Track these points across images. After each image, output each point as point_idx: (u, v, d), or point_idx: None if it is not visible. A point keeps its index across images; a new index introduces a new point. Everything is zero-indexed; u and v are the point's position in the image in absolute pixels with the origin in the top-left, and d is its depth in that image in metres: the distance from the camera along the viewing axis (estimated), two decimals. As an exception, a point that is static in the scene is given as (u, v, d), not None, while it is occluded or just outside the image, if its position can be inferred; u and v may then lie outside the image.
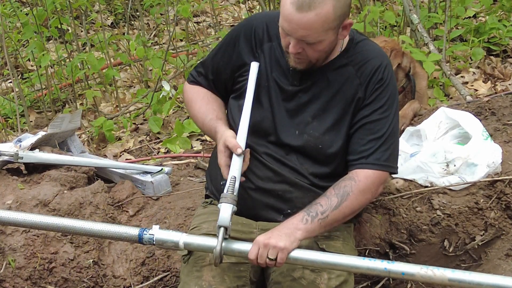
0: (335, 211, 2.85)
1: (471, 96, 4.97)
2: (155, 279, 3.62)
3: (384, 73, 3.00)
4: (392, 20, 5.73)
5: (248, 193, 3.06)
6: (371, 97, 2.99)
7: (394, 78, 3.08)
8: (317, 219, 2.83)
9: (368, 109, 2.99)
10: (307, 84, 3.04)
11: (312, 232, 2.84)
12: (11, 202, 3.62)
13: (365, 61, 3.01)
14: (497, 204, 3.61)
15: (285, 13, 2.77)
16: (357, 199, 2.90)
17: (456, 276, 2.62)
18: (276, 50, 3.07)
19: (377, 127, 2.98)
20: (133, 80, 7.33)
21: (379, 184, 2.99)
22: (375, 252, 3.60)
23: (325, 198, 2.88)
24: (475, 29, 6.10)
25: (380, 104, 2.98)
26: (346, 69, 3.01)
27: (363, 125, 2.99)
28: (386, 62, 3.04)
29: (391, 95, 3.01)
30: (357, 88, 2.99)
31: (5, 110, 6.69)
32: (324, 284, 2.91)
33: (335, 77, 3.01)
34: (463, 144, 3.66)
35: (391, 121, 3.00)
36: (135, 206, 3.83)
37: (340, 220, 2.91)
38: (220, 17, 8.50)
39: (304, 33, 2.79)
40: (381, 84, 2.99)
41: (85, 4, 6.95)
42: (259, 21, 3.15)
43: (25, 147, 3.94)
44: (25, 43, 7.43)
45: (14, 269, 3.46)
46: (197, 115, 3.21)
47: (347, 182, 2.92)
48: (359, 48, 3.04)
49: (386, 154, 2.97)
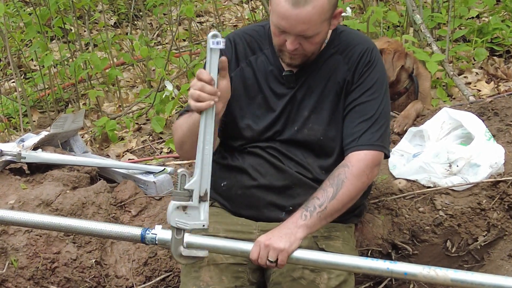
0: (332, 201, 2.85)
1: (474, 97, 4.96)
2: (158, 279, 3.62)
3: (371, 56, 3.02)
4: (396, 20, 5.72)
5: (251, 191, 3.06)
6: (359, 80, 3.00)
7: (382, 61, 3.10)
8: (315, 212, 2.82)
9: (357, 91, 3.00)
10: (301, 81, 3.05)
11: (313, 226, 2.84)
12: (14, 202, 3.63)
13: (352, 47, 3.04)
14: (499, 205, 3.61)
15: (281, 10, 2.77)
16: (353, 184, 2.89)
17: (458, 276, 2.62)
18: (263, 60, 3.08)
19: (367, 108, 2.98)
20: (136, 80, 7.33)
21: (373, 166, 2.97)
22: (377, 253, 3.59)
23: (321, 190, 2.88)
24: (478, 30, 6.09)
25: (368, 86, 2.99)
26: (334, 58, 3.03)
27: (353, 108, 3.00)
28: (372, 46, 3.07)
29: (379, 77, 3.02)
30: (346, 74, 3.01)
31: (8, 109, 6.70)
32: (324, 284, 2.91)
33: (325, 68, 3.03)
34: (466, 144, 3.66)
35: (380, 102, 3.00)
36: (137, 206, 3.83)
37: (340, 209, 2.90)
38: (223, 17, 8.49)
39: (303, 27, 2.80)
40: (369, 67, 3.00)
41: (88, 4, 6.95)
42: (236, 37, 3.14)
43: (28, 147, 3.94)
44: (28, 43, 7.42)
45: (17, 269, 3.47)
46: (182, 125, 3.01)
47: (340, 170, 2.91)
48: (344, 36, 3.06)
49: (377, 134, 2.96)
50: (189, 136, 2.93)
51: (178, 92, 5.70)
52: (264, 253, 2.75)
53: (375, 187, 3.68)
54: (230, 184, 3.15)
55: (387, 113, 3.05)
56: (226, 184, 3.17)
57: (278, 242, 2.74)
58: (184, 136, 3.00)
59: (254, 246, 2.78)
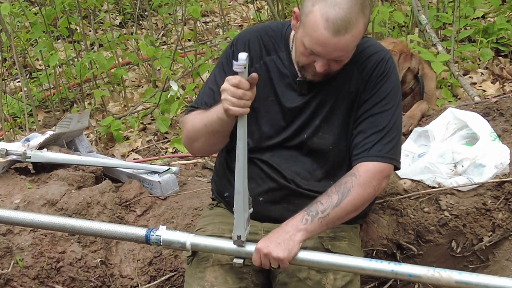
0: (336, 208, 2.83)
1: (479, 97, 4.96)
2: (162, 278, 3.63)
3: (385, 67, 2.98)
4: (401, 20, 5.72)
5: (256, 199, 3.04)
6: (372, 91, 2.97)
7: (397, 73, 3.06)
8: (317, 218, 2.81)
9: (369, 103, 2.97)
10: (315, 90, 3.02)
11: (313, 231, 2.83)
12: (19, 202, 3.63)
13: (367, 57, 3.00)
14: (505, 205, 3.61)
15: (319, 38, 2.73)
16: (358, 194, 2.87)
17: (463, 278, 2.62)
18: (279, 63, 3.05)
19: (379, 120, 2.95)
20: (141, 80, 7.34)
21: (381, 178, 2.94)
22: (382, 253, 3.59)
23: (326, 196, 2.86)
24: (484, 30, 6.08)
25: (381, 97, 2.96)
26: (348, 68, 2.98)
27: (365, 119, 2.97)
28: (388, 56, 3.02)
29: (393, 89, 2.99)
30: (359, 84, 2.98)
31: (14, 109, 6.72)
32: (330, 284, 2.91)
33: (339, 78, 2.99)
34: (471, 145, 3.66)
35: (393, 114, 2.97)
36: (142, 206, 3.83)
37: (342, 218, 2.88)
38: (229, 17, 8.50)
39: (340, 54, 2.80)
40: (383, 78, 2.97)
41: (93, 3, 6.97)
42: (252, 35, 3.11)
43: (33, 146, 3.95)
44: (33, 42, 7.44)
45: (22, 268, 3.47)
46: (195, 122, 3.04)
47: (348, 178, 2.89)
48: (360, 46, 2.99)
49: (388, 146, 2.94)
50: (203, 134, 2.98)
51: (183, 92, 5.71)
52: (265, 261, 2.77)
53: (380, 188, 3.68)
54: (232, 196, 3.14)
55: (399, 125, 3.03)
56: (228, 195, 3.18)
57: (277, 251, 2.74)
58: (197, 132, 3.02)
59: (254, 253, 2.79)
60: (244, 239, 2.81)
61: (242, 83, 2.68)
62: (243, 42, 3.10)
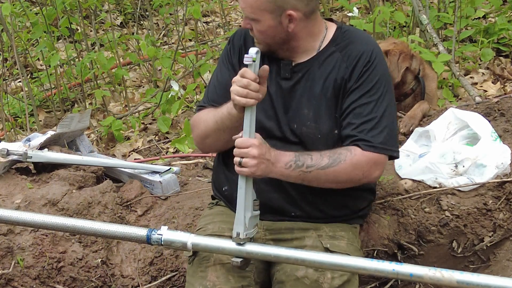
0: (320, 170, 2.86)
1: (480, 97, 4.96)
2: (163, 278, 3.62)
3: (371, 56, 2.99)
4: (402, 20, 5.72)
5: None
6: (358, 81, 2.97)
7: (384, 62, 3.07)
8: (299, 170, 2.86)
9: (356, 93, 2.97)
10: (298, 76, 3.05)
11: (287, 178, 2.90)
12: (20, 202, 3.64)
13: (352, 46, 3.02)
14: (505, 205, 3.61)
15: None
16: (347, 170, 2.89)
17: (464, 278, 2.61)
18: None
19: (367, 110, 2.95)
20: (142, 80, 7.35)
21: (374, 167, 2.95)
22: (383, 253, 3.59)
23: (318, 154, 2.89)
24: (485, 30, 6.08)
25: (368, 87, 2.96)
26: (333, 56, 3.02)
27: (353, 110, 2.96)
28: (373, 47, 3.04)
29: (380, 78, 2.98)
30: (344, 72, 2.99)
31: (15, 109, 6.72)
32: (328, 283, 2.91)
33: (324, 67, 3.02)
34: (472, 145, 3.66)
35: (382, 103, 2.96)
36: (143, 206, 3.83)
37: (320, 182, 2.92)
38: (229, 17, 8.51)
39: (249, 10, 2.92)
40: (368, 67, 2.97)
41: (94, 3, 6.97)
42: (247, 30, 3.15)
43: (34, 146, 3.95)
44: (34, 42, 7.44)
45: (23, 268, 3.48)
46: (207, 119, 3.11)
47: (343, 150, 2.91)
48: (347, 35, 3.05)
49: (380, 136, 2.93)
50: (215, 131, 3.04)
51: (184, 92, 5.71)
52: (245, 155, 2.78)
53: (381, 187, 3.68)
54: (231, 190, 3.16)
55: (392, 113, 3.02)
56: (227, 189, 3.21)
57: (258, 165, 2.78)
58: (208, 129, 3.07)
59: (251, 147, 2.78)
60: (243, 237, 2.80)
61: (248, 72, 2.75)
62: (239, 36, 3.21)
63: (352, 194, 3.13)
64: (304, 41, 3.03)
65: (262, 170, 2.80)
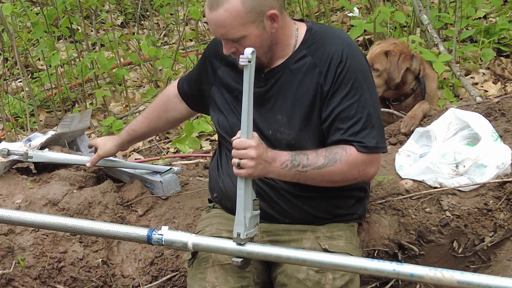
0: (316, 170, 2.86)
1: (481, 97, 4.96)
2: (164, 278, 3.62)
3: (342, 56, 2.93)
4: (403, 20, 5.72)
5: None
6: (335, 85, 2.92)
7: (359, 58, 3.00)
8: (295, 169, 2.86)
9: (336, 97, 2.92)
10: (271, 82, 3.02)
11: (283, 177, 2.91)
12: (21, 201, 3.63)
13: (322, 48, 2.97)
14: (506, 205, 3.61)
15: (207, 17, 2.86)
16: (342, 170, 2.89)
17: (465, 278, 2.61)
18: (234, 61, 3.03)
19: (351, 112, 2.91)
20: (143, 80, 7.35)
21: (370, 165, 2.94)
22: (384, 253, 3.59)
23: (314, 154, 2.88)
24: (485, 30, 6.09)
25: (347, 88, 2.91)
26: (305, 60, 2.98)
27: (338, 115, 2.92)
28: (342, 45, 2.97)
29: (356, 75, 2.93)
30: (318, 77, 2.94)
31: (15, 109, 6.73)
32: (329, 284, 2.91)
33: (296, 71, 2.98)
34: (473, 145, 3.66)
35: (365, 101, 2.92)
36: (144, 206, 3.83)
37: (316, 181, 2.92)
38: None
39: (222, 31, 2.85)
40: (342, 68, 2.92)
41: (95, 3, 6.97)
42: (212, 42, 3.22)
43: (35, 146, 3.94)
44: (35, 42, 7.44)
45: (23, 268, 3.48)
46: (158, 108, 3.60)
47: (339, 150, 2.89)
48: (317, 36, 3.00)
49: (371, 136, 2.91)
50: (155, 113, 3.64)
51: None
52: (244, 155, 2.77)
53: (382, 187, 3.68)
54: (220, 196, 3.21)
55: (376, 108, 2.98)
56: (217, 195, 3.25)
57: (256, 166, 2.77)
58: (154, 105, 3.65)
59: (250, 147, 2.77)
60: (243, 237, 2.80)
61: None
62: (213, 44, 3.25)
63: (340, 194, 3.12)
64: (281, 43, 2.99)
65: (260, 171, 2.80)
